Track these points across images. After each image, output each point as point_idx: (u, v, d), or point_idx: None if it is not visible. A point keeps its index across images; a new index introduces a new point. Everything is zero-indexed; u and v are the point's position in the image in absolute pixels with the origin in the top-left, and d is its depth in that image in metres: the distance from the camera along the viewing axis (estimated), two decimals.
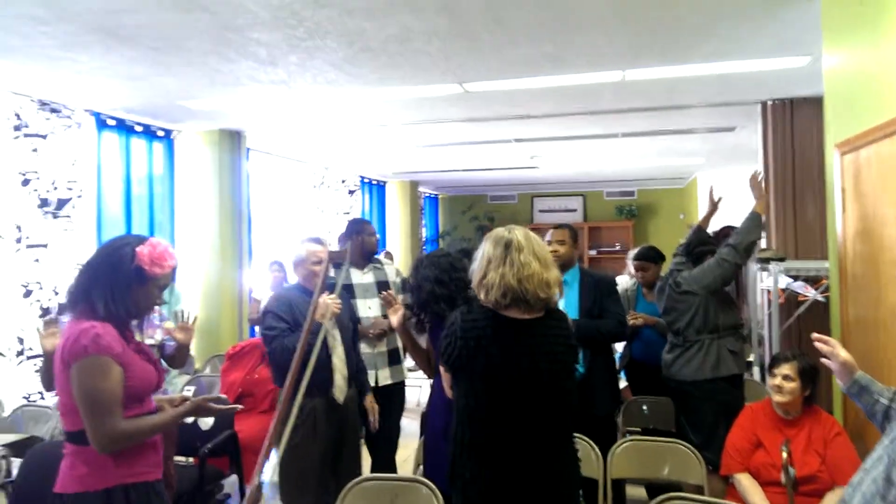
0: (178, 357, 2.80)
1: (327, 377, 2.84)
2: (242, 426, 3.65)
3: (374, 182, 9.12)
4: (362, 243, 3.61)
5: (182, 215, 5.47)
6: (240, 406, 2.04)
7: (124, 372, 1.78)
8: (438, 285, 2.60)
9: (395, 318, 2.76)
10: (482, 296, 2.04)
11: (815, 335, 1.70)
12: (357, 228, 3.67)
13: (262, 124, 5.42)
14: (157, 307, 2.80)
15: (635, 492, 3.67)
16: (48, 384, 2.66)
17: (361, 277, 3.62)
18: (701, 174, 8.96)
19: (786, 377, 2.59)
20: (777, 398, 2.62)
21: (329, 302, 2.79)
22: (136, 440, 1.80)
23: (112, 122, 4.84)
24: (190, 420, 2.52)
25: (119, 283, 1.83)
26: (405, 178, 9.41)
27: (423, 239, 10.59)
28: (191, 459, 3.50)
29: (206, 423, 2.30)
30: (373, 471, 3.48)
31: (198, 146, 5.51)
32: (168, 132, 5.39)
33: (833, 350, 1.64)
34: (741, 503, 2.56)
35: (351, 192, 8.36)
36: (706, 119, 5.52)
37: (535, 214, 11.40)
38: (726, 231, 4.23)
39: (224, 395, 2.07)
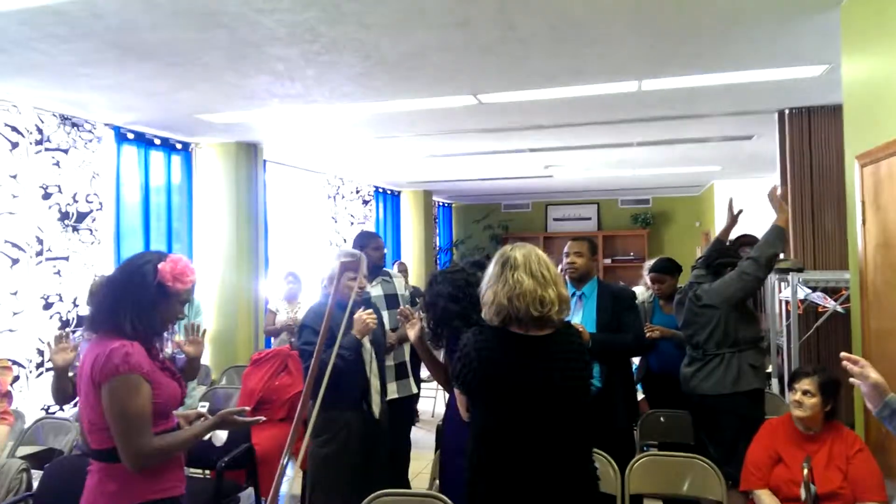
0: (189, 370, 2.81)
1: (363, 392, 2.87)
2: (259, 437, 3.66)
3: (388, 192, 9.16)
4: (367, 257, 3.63)
5: (200, 227, 5.53)
6: (263, 418, 2.04)
7: (152, 389, 1.80)
8: (452, 302, 2.60)
9: (412, 333, 2.76)
10: (483, 313, 2.07)
11: (844, 354, 1.63)
12: (362, 242, 3.68)
13: (279, 137, 5.46)
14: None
15: None
16: (60, 399, 2.68)
17: (370, 290, 3.62)
18: (717, 182, 8.90)
19: (806, 392, 2.56)
20: (797, 413, 2.58)
21: (365, 317, 2.80)
22: (168, 456, 1.83)
23: (131, 136, 4.91)
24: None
25: (144, 301, 1.86)
26: (419, 187, 9.44)
27: (437, 248, 10.60)
28: (207, 472, 3.52)
29: (220, 439, 2.29)
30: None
31: (215, 159, 5.57)
32: (186, 145, 5.45)
33: (863, 371, 1.57)
34: None
35: (365, 202, 8.40)
36: (723, 128, 5.48)
37: (550, 223, 11.37)
38: (744, 239, 4.19)
39: (247, 408, 2.07)
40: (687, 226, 10.59)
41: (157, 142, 5.15)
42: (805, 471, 2.35)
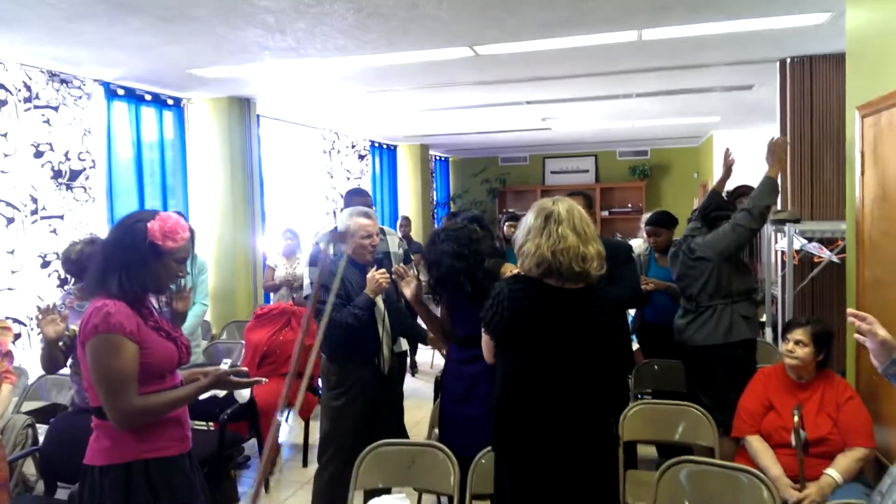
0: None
1: (375, 348, 2.91)
2: (261, 390, 3.71)
3: (384, 146, 9.07)
4: None
5: (194, 183, 5.50)
6: (264, 379, 2.05)
7: (141, 349, 1.79)
8: (458, 259, 2.61)
9: (408, 291, 2.78)
10: (520, 263, 2.08)
11: (851, 311, 1.61)
12: (348, 201, 3.66)
13: (272, 91, 5.37)
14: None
15: (646, 451, 3.73)
16: (49, 368, 2.66)
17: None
18: (717, 133, 8.82)
19: (798, 342, 2.60)
20: (790, 362, 2.63)
21: (378, 277, 2.81)
22: (153, 416, 1.81)
23: (121, 92, 4.83)
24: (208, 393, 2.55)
25: (133, 261, 1.83)
26: (415, 141, 9.34)
27: (434, 202, 10.57)
28: (210, 425, 3.60)
29: (244, 396, 2.30)
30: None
31: (208, 114, 5.49)
32: (178, 100, 5.37)
33: (871, 328, 1.54)
34: (751, 465, 2.60)
35: (361, 157, 8.33)
36: (724, 78, 5.40)
37: (547, 176, 11.31)
38: (741, 190, 4.18)
39: (245, 368, 2.07)
40: (685, 177, 10.54)
41: (148, 98, 5.07)
42: (795, 418, 2.41)
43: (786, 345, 2.65)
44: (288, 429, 4.66)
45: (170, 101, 5.30)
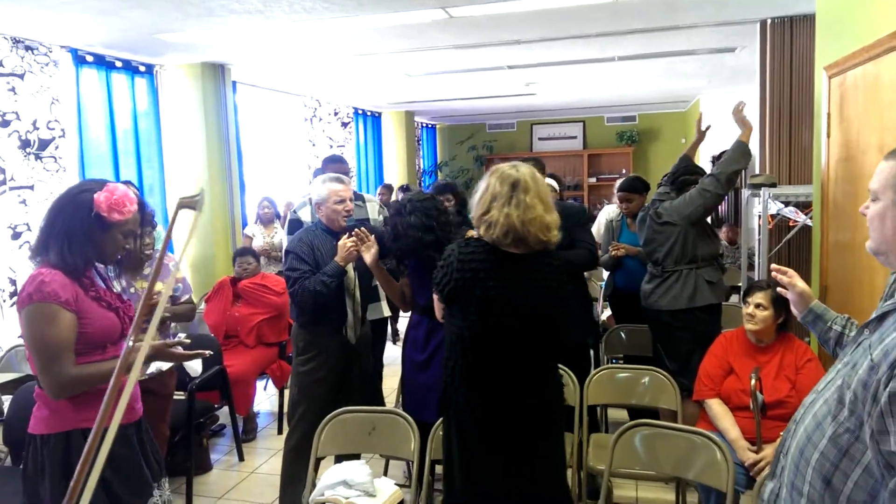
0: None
1: (342, 317, 2.90)
2: (232, 361, 3.76)
3: (368, 113, 8.95)
4: None
5: (170, 152, 5.43)
6: (208, 352, 2.02)
7: (79, 319, 1.78)
8: (426, 232, 2.59)
9: (368, 256, 2.76)
10: (482, 230, 2.06)
11: (773, 266, 1.70)
12: (324, 168, 3.63)
13: (247, 56, 5.27)
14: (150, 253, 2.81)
15: (618, 414, 3.77)
16: None
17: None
18: (703, 97, 8.72)
19: (759, 305, 2.60)
20: (750, 326, 2.64)
21: (349, 244, 2.79)
22: (88, 386, 1.79)
23: (90, 59, 4.72)
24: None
25: (76, 231, 1.80)
26: (401, 108, 9.22)
27: (421, 170, 10.49)
28: (182, 395, 3.61)
29: (194, 370, 2.30)
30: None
31: (181, 80, 5.39)
32: (150, 67, 5.26)
33: (791, 280, 1.64)
34: (713, 428, 2.62)
35: (344, 125, 8.23)
36: (705, 40, 5.30)
37: (535, 142, 11.21)
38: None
39: (187, 340, 2.05)
40: (673, 142, 10.46)
41: (119, 64, 4.96)
42: (753, 381, 2.42)
43: (746, 308, 2.66)
44: (268, 398, 4.70)
45: (141, 68, 5.19)
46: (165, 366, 2.17)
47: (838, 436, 1.17)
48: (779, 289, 1.68)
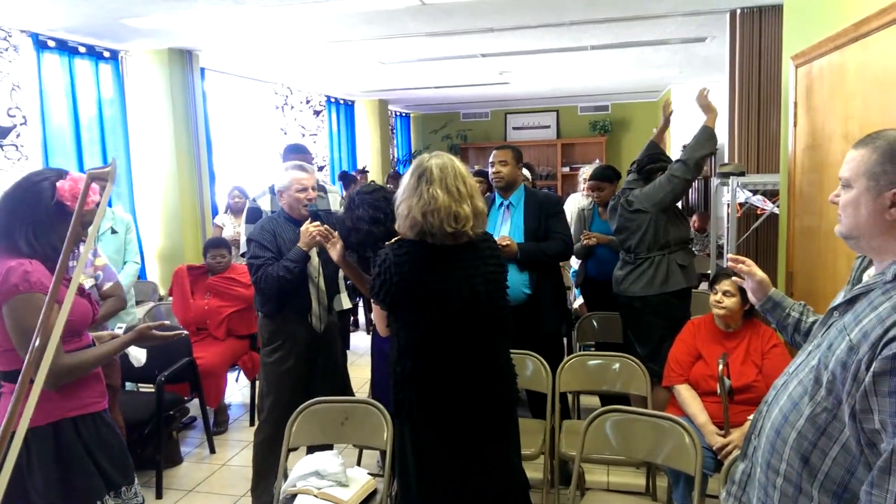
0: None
1: (306, 305, 2.86)
2: (202, 353, 3.71)
3: (341, 101, 8.86)
4: None
5: (136, 140, 5.31)
6: (185, 332, 2.02)
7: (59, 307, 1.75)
8: (374, 224, 2.56)
9: (334, 252, 2.72)
10: (398, 225, 2.03)
11: (730, 256, 1.74)
12: (285, 157, 3.59)
13: (215, 42, 5.16)
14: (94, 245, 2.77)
15: (590, 401, 3.81)
16: None
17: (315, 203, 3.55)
18: (675, 87, 8.80)
19: (726, 292, 2.64)
20: (717, 312, 2.68)
21: (313, 230, 2.75)
22: (81, 373, 1.82)
23: (52, 44, 4.58)
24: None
25: (41, 220, 1.79)
26: (374, 96, 9.14)
27: (395, 159, 10.43)
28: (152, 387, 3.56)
29: (139, 360, 2.26)
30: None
31: (148, 67, 5.26)
32: (115, 53, 5.13)
33: (750, 269, 1.68)
34: (682, 413, 2.66)
35: (317, 113, 8.13)
36: (677, 30, 5.34)
37: (509, 132, 11.22)
38: None
39: (166, 322, 2.04)
40: (645, 131, 10.53)
41: (82, 50, 4.82)
42: (720, 366, 2.46)
43: (714, 295, 2.69)
44: (240, 390, 4.65)
45: (106, 54, 5.06)
46: (139, 354, 2.15)
47: (816, 415, 1.21)
48: (735, 278, 1.72)
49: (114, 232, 3.75)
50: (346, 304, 3.63)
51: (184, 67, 5.36)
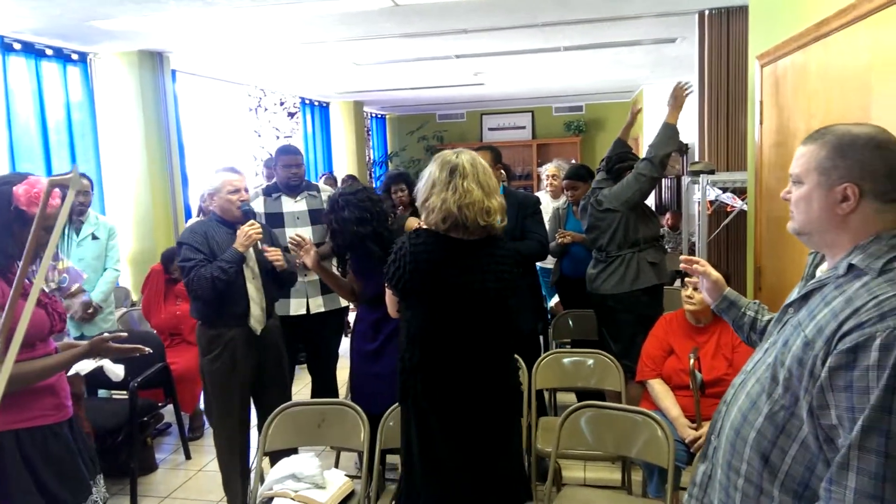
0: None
1: (244, 307, 2.81)
2: (176, 359, 3.67)
3: (316, 103, 8.82)
4: (276, 175, 3.55)
5: (106, 145, 5.23)
6: (147, 350, 1.96)
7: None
8: (360, 225, 2.57)
9: (308, 260, 2.72)
10: (423, 217, 2.07)
11: (683, 257, 1.74)
12: (273, 160, 3.58)
13: (186, 44, 5.11)
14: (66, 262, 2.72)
15: (567, 398, 3.84)
16: None
17: (293, 206, 3.54)
18: (647, 87, 8.92)
19: (696, 287, 2.68)
20: (688, 307, 2.73)
21: (249, 231, 2.73)
22: (22, 384, 1.73)
23: (18, 46, 4.50)
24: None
25: None
26: (349, 98, 9.11)
27: (371, 161, 10.41)
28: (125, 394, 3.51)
29: (116, 374, 2.21)
30: (314, 394, 3.55)
31: (117, 69, 5.19)
32: (83, 55, 5.05)
33: (705, 269, 1.68)
34: (655, 407, 2.70)
35: (291, 115, 8.08)
36: (648, 30, 5.42)
37: (485, 132, 11.26)
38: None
39: (124, 333, 1.98)
40: (618, 132, 10.65)
41: (50, 52, 4.74)
42: (692, 360, 2.50)
43: (685, 290, 2.74)
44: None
45: (74, 56, 4.97)
46: (87, 367, 2.05)
47: (774, 413, 1.20)
48: (688, 279, 1.74)
49: (95, 238, 3.71)
50: (343, 302, 3.59)
51: (154, 69, 5.29)
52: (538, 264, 3.55)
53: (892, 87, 1.84)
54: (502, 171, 3.21)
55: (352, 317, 6.21)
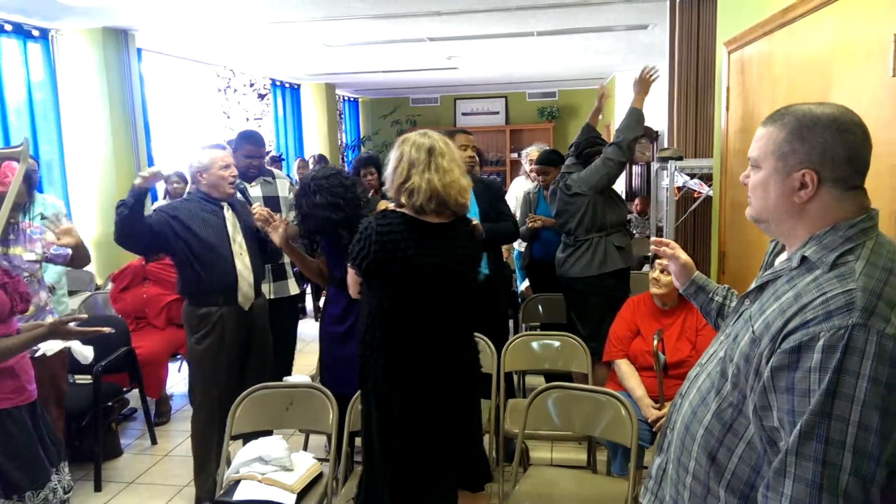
0: (77, 258, 2.71)
1: (232, 282, 2.79)
2: (142, 342, 3.62)
3: (287, 85, 8.69)
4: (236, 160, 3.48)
5: (70, 124, 5.09)
6: (109, 329, 1.92)
7: None
8: (334, 210, 2.54)
9: (276, 237, 2.68)
10: (404, 199, 2.05)
11: (654, 239, 1.73)
12: (235, 145, 3.51)
13: (152, 21, 4.98)
14: (31, 223, 2.66)
15: (537, 381, 3.88)
16: None
17: (249, 191, 3.48)
18: (619, 74, 8.96)
19: (664, 270, 2.72)
20: (654, 290, 2.77)
21: (149, 171, 2.69)
22: None
23: None
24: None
25: None
26: (321, 80, 8.99)
27: (343, 144, 10.32)
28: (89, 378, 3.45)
29: (84, 356, 2.16)
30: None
31: (80, 47, 5.04)
32: (45, 32, 4.89)
33: (674, 252, 1.64)
34: (620, 389, 2.75)
35: (261, 96, 7.96)
36: (620, 17, 5.44)
37: (458, 117, 11.23)
38: (647, 130, 4.30)
39: (84, 315, 1.94)
40: None
41: (9, 28, 4.58)
42: (655, 342, 2.55)
43: (652, 273, 2.78)
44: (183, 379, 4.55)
45: (35, 33, 4.81)
46: (50, 349, 2.00)
47: (722, 410, 1.15)
48: (659, 261, 1.73)
49: (43, 218, 3.60)
50: (294, 289, 3.58)
51: (119, 48, 5.16)
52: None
53: (852, 72, 1.87)
54: (475, 156, 3.21)
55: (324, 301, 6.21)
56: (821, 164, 1.10)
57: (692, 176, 4.14)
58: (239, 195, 3.15)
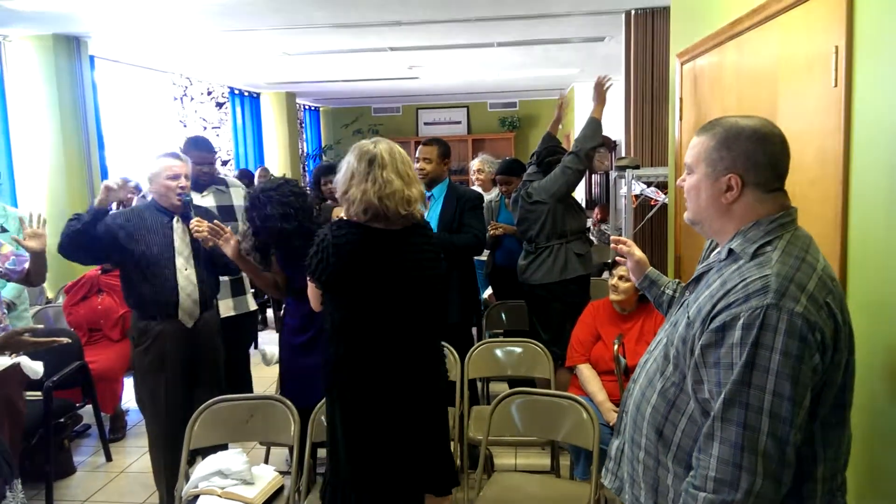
0: (35, 273, 2.60)
1: (173, 298, 2.72)
2: (96, 356, 3.51)
3: (245, 93, 8.59)
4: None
5: (19, 133, 4.92)
6: (65, 340, 1.87)
7: None
8: (285, 221, 2.52)
9: (228, 249, 2.63)
10: (345, 208, 2.05)
11: (613, 237, 1.82)
12: (186, 151, 3.43)
13: (105, 28, 4.87)
14: None
15: (501, 388, 3.90)
16: None
17: (200, 201, 3.36)
18: (577, 85, 9.13)
19: (622, 277, 2.78)
20: (613, 297, 2.82)
21: (108, 182, 2.65)
22: None
23: None
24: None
25: None
26: (281, 88, 8.91)
27: (304, 154, 10.24)
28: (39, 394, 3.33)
29: (35, 371, 2.08)
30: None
31: (30, 54, 4.89)
32: None
33: (630, 249, 1.75)
34: (582, 393, 2.78)
35: (219, 105, 7.84)
36: (578, 29, 5.55)
37: (421, 127, 11.28)
38: (603, 140, 4.38)
39: (41, 326, 1.88)
40: None
41: None
42: (616, 346, 2.59)
43: (611, 280, 2.83)
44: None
45: None
46: (35, 365, 1.92)
47: (666, 389, 1.29)
48: (618, 257, 1.80)
49: (4, 230, 3.48)
50: (252, 305, 3.52)
51: (71, 55, 5.02)
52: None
53: (797, 83, 1.95)
54: (425, 168, 3.20)
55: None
56: (745, 170, 1.23)
57: (649, 184, 4.24)
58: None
